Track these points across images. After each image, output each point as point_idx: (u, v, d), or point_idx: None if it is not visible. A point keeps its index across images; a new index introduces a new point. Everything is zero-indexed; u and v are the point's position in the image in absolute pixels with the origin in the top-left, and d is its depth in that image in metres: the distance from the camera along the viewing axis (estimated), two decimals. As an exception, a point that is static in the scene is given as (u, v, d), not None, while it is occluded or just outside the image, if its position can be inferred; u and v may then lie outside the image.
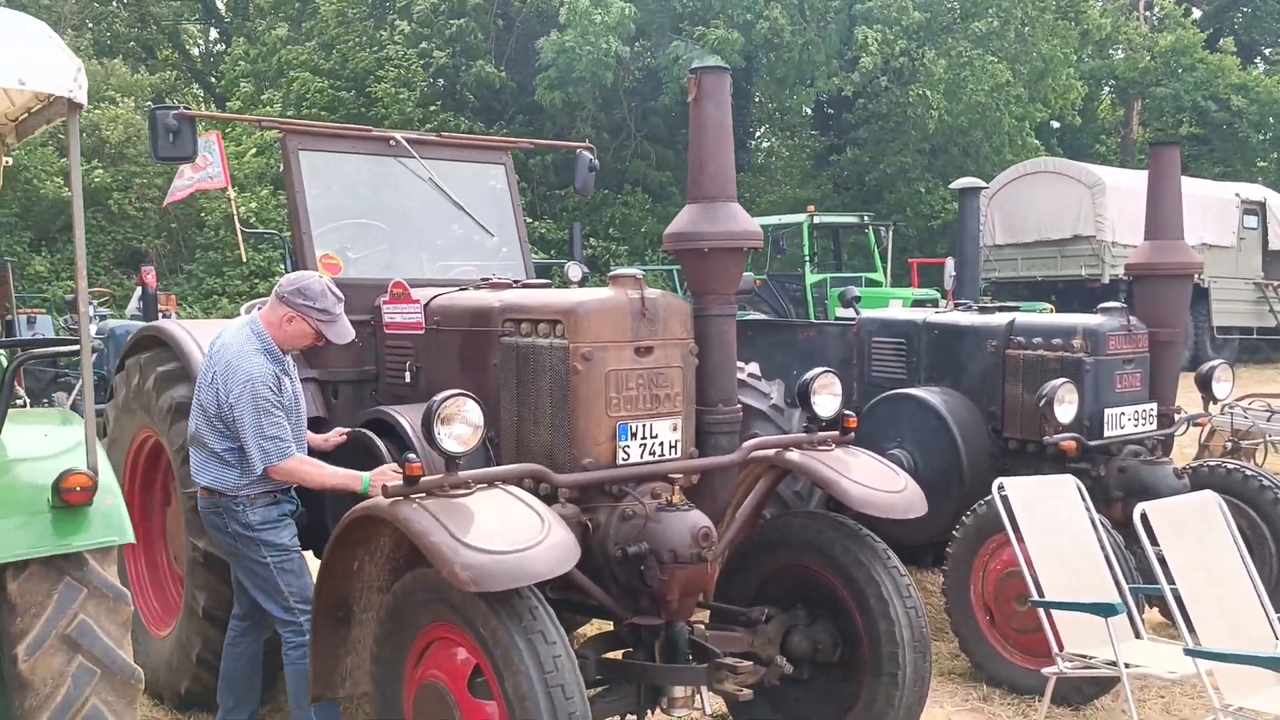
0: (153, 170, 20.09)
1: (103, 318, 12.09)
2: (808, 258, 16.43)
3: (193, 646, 4.73)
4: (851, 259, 18.75)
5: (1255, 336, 19.28)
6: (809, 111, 25.62)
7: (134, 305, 14.10)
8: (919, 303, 13.63)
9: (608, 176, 22.39)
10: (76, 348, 4.37)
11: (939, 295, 16.02)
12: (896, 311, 7.36)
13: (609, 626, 4.47)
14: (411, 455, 3.55)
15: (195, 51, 33.65)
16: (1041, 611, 4.64)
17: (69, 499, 2.85)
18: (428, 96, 22.39)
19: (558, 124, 23.15)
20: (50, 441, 3.14)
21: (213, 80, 29.31)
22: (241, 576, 4.31)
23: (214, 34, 33.82)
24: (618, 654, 4.13)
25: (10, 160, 4.44)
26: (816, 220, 16.73)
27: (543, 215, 21.89)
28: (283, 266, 18.70)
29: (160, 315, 11.68)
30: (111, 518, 2.94)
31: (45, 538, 2.83)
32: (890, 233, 17.10)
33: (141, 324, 11.14)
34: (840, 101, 23.14)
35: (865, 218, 18.30)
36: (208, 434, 4.17)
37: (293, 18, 24.24)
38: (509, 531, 3.39)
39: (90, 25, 29.33)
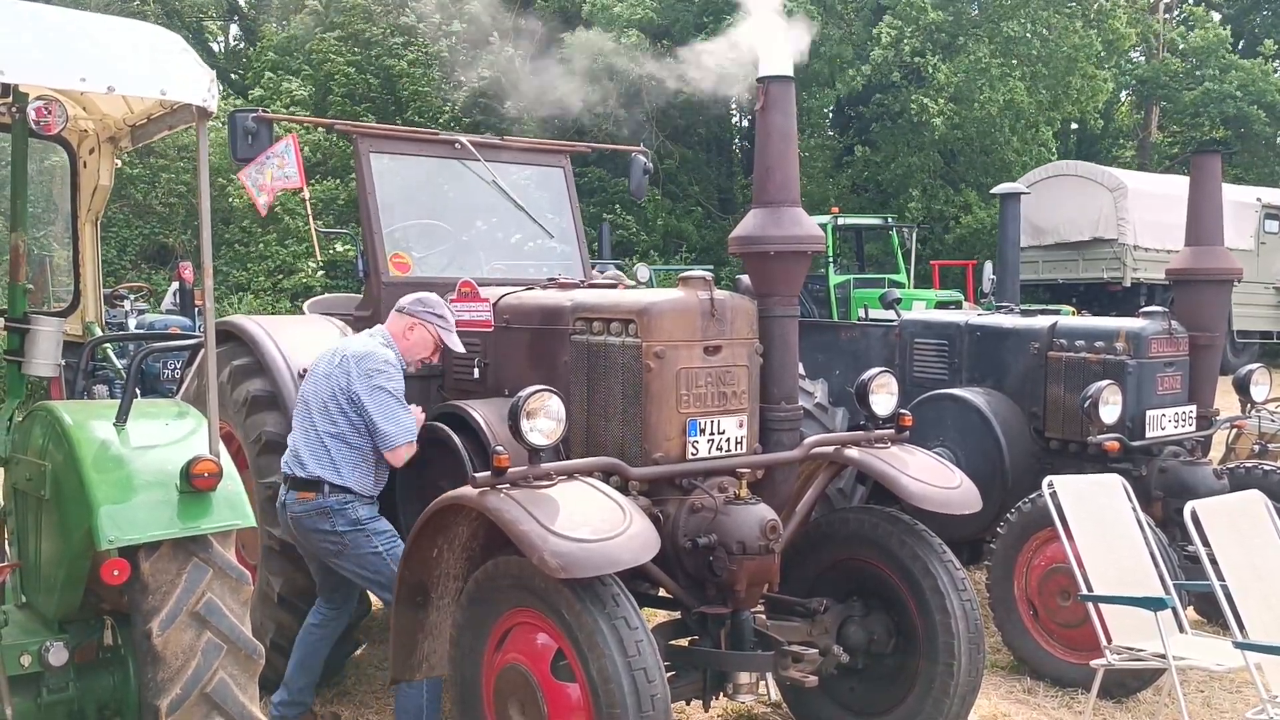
0: (180, 166, 20.28)
1: (140, 312, 12.27)
2: (831, 259, 16.58)
3: (266, 631, 4.88)
4: (872, 260, 18.92)
5: (1276, 340, 19.36)
6: (829, 113, 25.72)
7: (169, 300, 14.32)
8: (942, 304, 13.80)
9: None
10: (195, 343, 4.56)
11: (961, 297, 16.19)
12: (938, 313, 7.50)
13: (664, 615, 4.64)
14: (500, 448, 3.70)
15: (216, 48, 33.88)
16: (1090, 606, 4.78)
17: (198, 484, 3.02)
18: (448, 79, 22.55)
19: (579, 121, 23.29)
20: (171, 430, 3.31)
21: (234, 77, 29.53)
22: (349, 572, 4.40)
23: (235, 30, 34.06)
24: (683, 641, 4.29)
25: (120, 163, 4.64)
26: (840, 221, 16.87)
27: None
28: (310, 264, 18.95)
29: (196, 310, 11.89)
30: (234, 502, 3.12)
31: (176, 520, 3.01)
32: (914, 234, 17.23)
33: (177, 318, 11.39)
34: (857, 99, 23.23)
35: (889, 219, 18.43)
36: (333, 426, 4.31)
37: (317, 11, 24.39)
38: (594, 521, 3.54)
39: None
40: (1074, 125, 27.36)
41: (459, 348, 4.62)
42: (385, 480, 4.47)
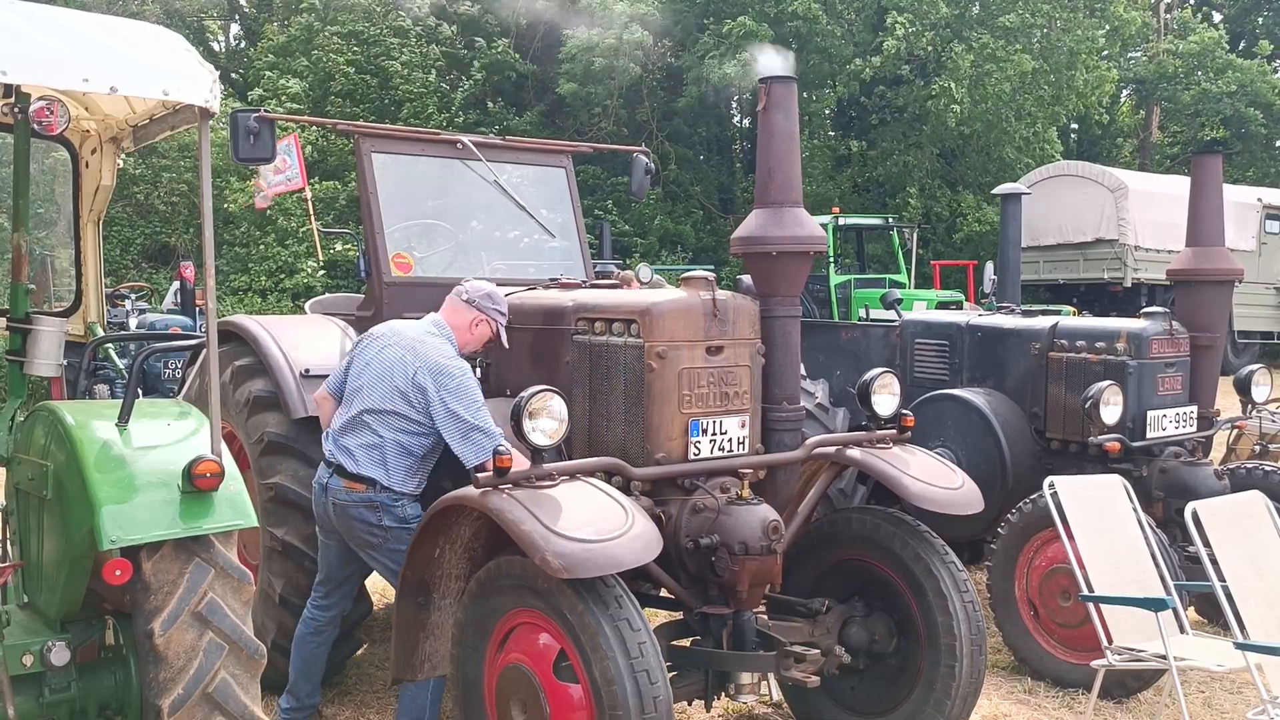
0: (183, 165, 20.29)
1: (141, 311, 12.27)
2: (832, 259, 16.59)
3: (268, 632, 4.87)
4: (874, 261, 18.93)
5: (1277, 341, 19.37)
6: (829, 112, 25.74)
7: (170, 299, 14.31)
8: (943, 305, 13.81)
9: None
10: (197, 343, 4.56)
11: (962, 297, 16.20)
12: (939, 314, 7.50)
13: (666, 616, 4.65)
14: (501, 447, 3.70)
15: (217, 48, 33.86)
16: (1091, 606, 4.78)
17: (200, 484, 3.02)
18: (443, 80, 22.57)
19: (579, 120, 23.33)
20: (173, 430, 3.32)
21: (235, 76, 29.53)
22: (379, 565, 4.35)
23: (236, 29, 34.03)
24: (685, 641, 4.29)
25: (122, 163, 4.64)
26: (841, 222, 16.88)
27: None
28: (311, 263, 18.95)
29: (197, 310, 11.88)
30: (236, 503, 3.12)
31: (178, 520, 3.01)
32: (914, 235, 17.24)
33: (178, 318, 11.38)
34: (861, 92, 23.26)
35: (890, 220, 18.45)
36: (392, 432, 4.22)
37: (315, 8, 24.39)
38: (596, 521, 3.55)
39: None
40: (1074, 126, 27.36)
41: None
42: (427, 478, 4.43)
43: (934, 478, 4.42)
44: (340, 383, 4.48)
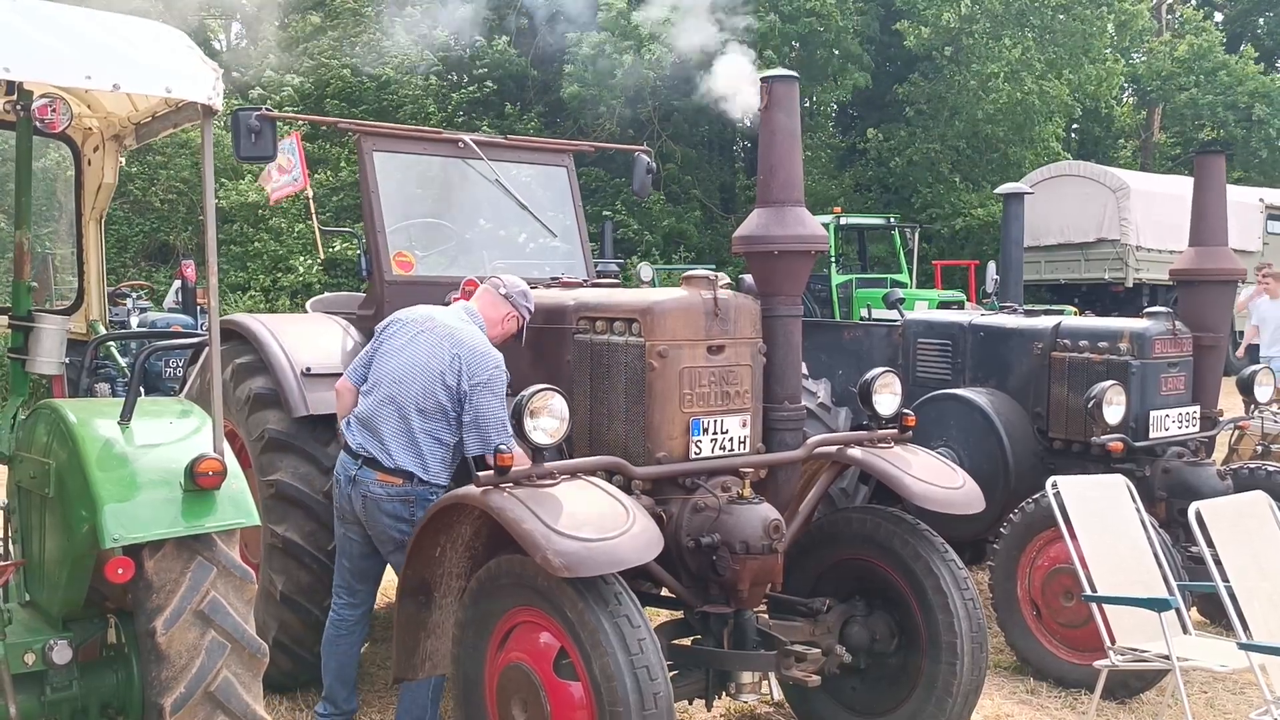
0: (180, 162, 20.25)
1: (142, 310, 12.29)
2: (834, 259, 16.59)
3: (270, 630, 4.86)
4: (875, 260, 18.92)
5: (1278, 341, 19.32)
6: (833, 109, 25.75)
7: (171, 298, 14.33)
8: (945, 304, 13.80)
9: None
10: (199, 341, 4.55)
11: (963, 297, 16.19)
12: (941, 313, 7.49)
13: (666, 615, 4.64)
14: (503, 446, 3.70)
15: (218, 46, 33.84)
16: (1094, 606, 4.77)
17: (202, 483, 3.02)
18: (438, 85, 22.57)
19: (580, 120, 23.30)
20: (175, 429, 3.31)
21: (235, 75, 29.50)
22: (398, 564, 4.24)
23: (237, 28, 34.02)
24: (686, 641, 4.29)
25: (124, 161, 4.63)
26: (843, 221, 16.88)
27: None
28: (304, 259, 18.95)
29: (198, 308, 11.89)
30: (238, 501, 3.11)
31: (180, 519, 3.00)
32: (916, 234, 17.23)
33: (179, 317, 11.39)
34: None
35: (892, 219, 18.43)
36: (430, 423, 4.20)
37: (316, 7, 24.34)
38: (597, 520, 3.54)
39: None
40: (1075, 126, 27.37)
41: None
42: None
43: (935, 477, 4.42)
44: (365, 371, 4.40)
